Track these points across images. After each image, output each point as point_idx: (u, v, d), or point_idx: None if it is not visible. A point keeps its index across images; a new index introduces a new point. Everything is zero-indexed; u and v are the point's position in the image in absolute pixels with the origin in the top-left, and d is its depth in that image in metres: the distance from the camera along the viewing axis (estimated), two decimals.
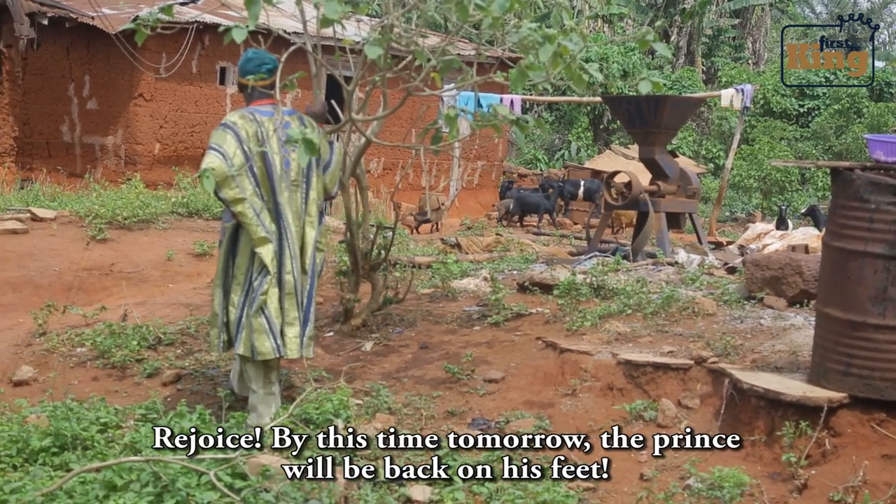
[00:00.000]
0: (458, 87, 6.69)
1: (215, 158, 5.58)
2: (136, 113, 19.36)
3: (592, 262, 9.30)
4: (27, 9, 18.11)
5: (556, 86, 6.71)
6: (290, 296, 5.83)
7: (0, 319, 8.94)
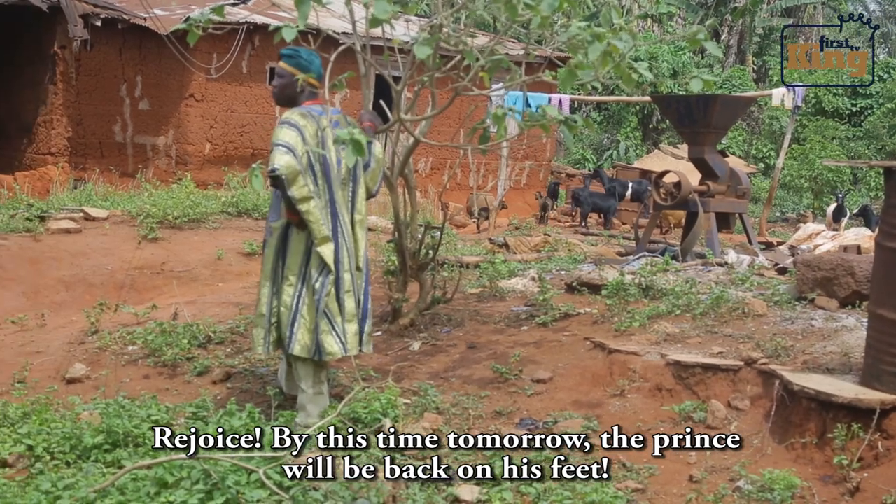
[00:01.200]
0: (506, 86, 6.68)
1: (285, 155, 5.56)
2: (186, 113, 19.53)
3: (641, 262, 9.25)
4: (80, 10, 18.31)
5: (604, 85, 6.69)
6: (349, 293, 5.84)
7: (54, 318, 9.05)
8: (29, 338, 8.09)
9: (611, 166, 30.07)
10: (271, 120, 20.07)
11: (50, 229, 11.39)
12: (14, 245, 10.71)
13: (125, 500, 4.31)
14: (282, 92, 5.97)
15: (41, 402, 6.11)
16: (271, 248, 5.92)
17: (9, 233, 11.15)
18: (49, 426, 5.49)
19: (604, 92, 30.85)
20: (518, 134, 7.42)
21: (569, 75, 5.64)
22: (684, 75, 7.43)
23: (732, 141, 32.79)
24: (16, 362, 7.28)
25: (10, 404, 6.00)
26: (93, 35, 18.58)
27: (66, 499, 4.34)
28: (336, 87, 5.85)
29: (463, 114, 19.98)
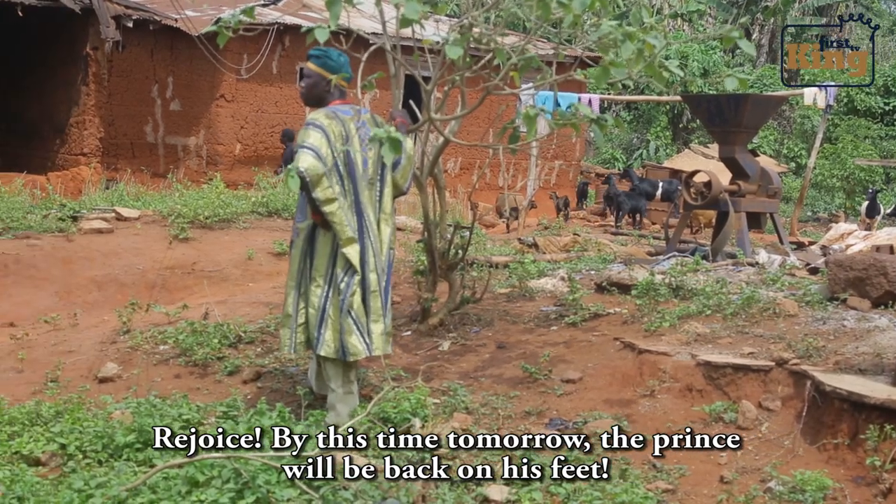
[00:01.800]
0: (536, 86, 6.68)
1: (310, 157, 5.58)
2: (217, 114, 19.63)
3: (671, 262, 9.21)
4: (112, 11, 18.45)
5: (634, 84, 6.67)
6: (375, 293, 5.85)
7: (86, 317, 9.12)
8: (61, 337, 8.15)
9: (641, 166, 29.99)
10: (301, 120, 20.12)
11: (82, 229, 11.47)
12: (47, 245, 10.79)
13: (156, 498, 4.34)
14: (309, 92, 5.99)
15: (74, 402, 6.15)
16: (298, 249, 5.94)
17: (42, 233, 11.24)
18: (81, 425, 5.53)
19: (634, 91, 30.83)
20: (548, 133, 7.41)
21: (601, 74, 5.63)
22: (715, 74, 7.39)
23: (763, 140, 32.63)
24: (49, 361, 7.34)
25: (44, 403, 6.05)
26: (124, 36, 18.71)
27: (99, 497, 4.37)
28: (366, 87, 5.86)
29: (492, 113, 19.98)
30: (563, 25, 5.93)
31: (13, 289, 9.99)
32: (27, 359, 7.45)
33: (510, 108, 16.19)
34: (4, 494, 4.53)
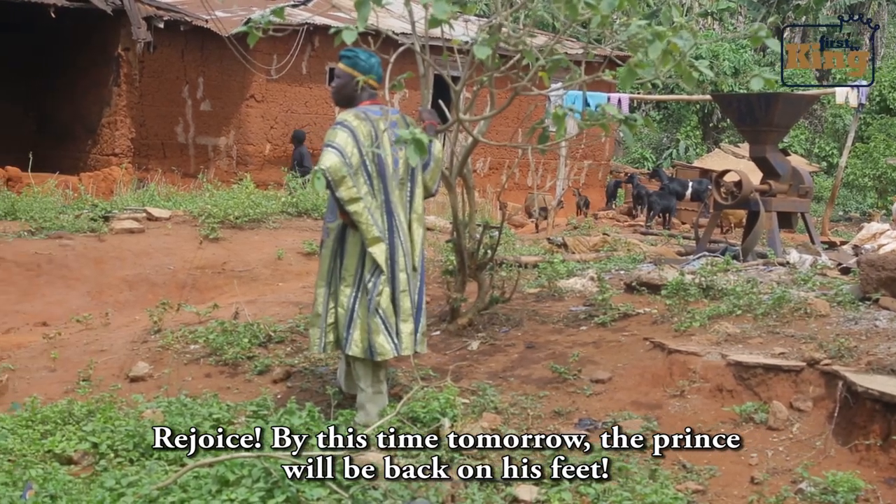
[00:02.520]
0: (565, 86, 6.67)
1: (333, 157, 5.60)
2: (247, 114, 19.72)
3: (701, 261, 9.17)
4: (144, 13, 18.58)
5: (664, 84, 6.66)
6: (404, 293, 5.86)
7: (117, 317, 9.18)
8: (93, 336, 8.21)
9: (670, 165, 29.87)
10: (330, 120, 20.16)
11: (114, 229, 11.55)
12: (79, 245, 10.88)
13: (187, 497, 4.36)
14: (339, 92, 6.01)
15: (105, 400, 6.20)
16: (328, 249, 5.96)
17: (74, 233, 11.33)
18: (113, 424, 5.57)
19: (663, 91, 30.71)
20: (577, 133, 7.40)
21: (629, 74, 5.61)
22: (745, 74, 7.35)
23: (794, 139, 32.43)
24: (81, 361, 7.39)
25: (76, 402, 6.09)
26: (155, 37, 18.83)
27: (130, 496, 4.40)
28: (395, 87, 5.87)
29: (521, 113, 19.96)
30: (591, 25, 5.92)
31: (46, 288, 10.07)
32: (60, 358, 7.51)
33: (539, 108, 16.16)
34: (37, 493, 4.57)
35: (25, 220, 11.85)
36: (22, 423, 5.74)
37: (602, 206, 24.22)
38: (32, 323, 9.33)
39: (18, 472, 4.95)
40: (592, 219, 19.10)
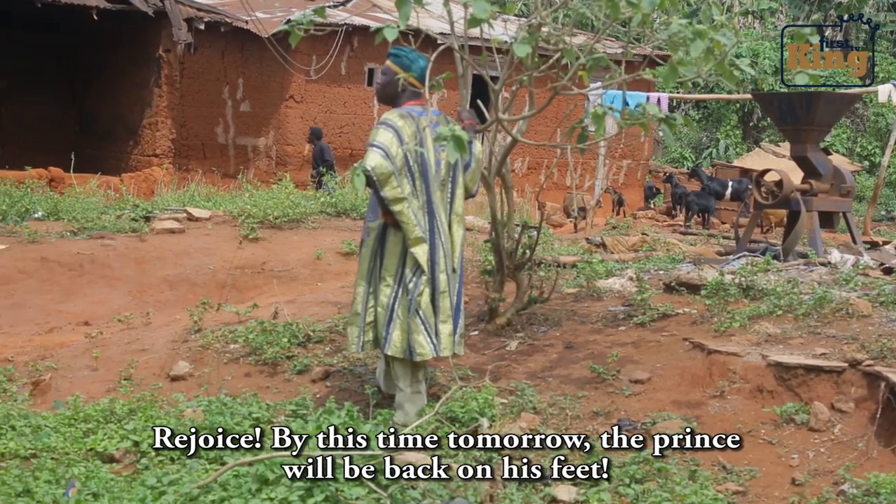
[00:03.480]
0: (605, 85, 6.65)
1: (378, 156, 5.61)
2: (286, 114, 19.81)
3: (741, 261, 9.11)
4: (185, 14, 18.71)
5: (704, 83, 6.63)
6: (444, 294, 5.86)
7: (158, 316, 9.24)
8: (135, 336, 8.27)
9: (710, 165, 29.70)
10: (369, 121, 20.25)
11: (155, 229, 11.64)
12: (121, 245, 10.97)
13: (227, 496, 4.39)
14: (383, 90, 6.03)
15: (146, 399, 6.26)
16: (368, 248, 5.97)
17: (116, 233, 11.43)
18: (154, 422, 5.61)
19: (703, 90, 30.54)
20: (616, 133, 7.37)
21: (670, 73, 5.59)
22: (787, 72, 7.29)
23: (836, 138, 32.15)
24: (122, 360, 7.46)
25: (117, 401, 6.15)
26: (196, 38, 18.96)
27: (171, 494, 4.43)
28: (434, 87, 5.88)
29: (560, 113, 19.93)
30: (632, 24, 5.90)
31: (88, 288, 10.17)
32: (102, 357, 7.57)
33: (578, 107, 16.13)
34: (80, 490, 4.61)
35: (68, 221, 11.96)
36: (65, 421, 5.81)
37: (641, 205, 24.12)
38: (75, 322, 9.43)
39: (61, 469, 5.01)
40: (631, 219, 19.02)
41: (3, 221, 11.67)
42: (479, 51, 6.81)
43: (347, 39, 19.78)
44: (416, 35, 6.24)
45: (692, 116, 33.44)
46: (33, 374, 7.27)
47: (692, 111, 34.72)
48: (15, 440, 5.47)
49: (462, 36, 6.65)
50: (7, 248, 10.58)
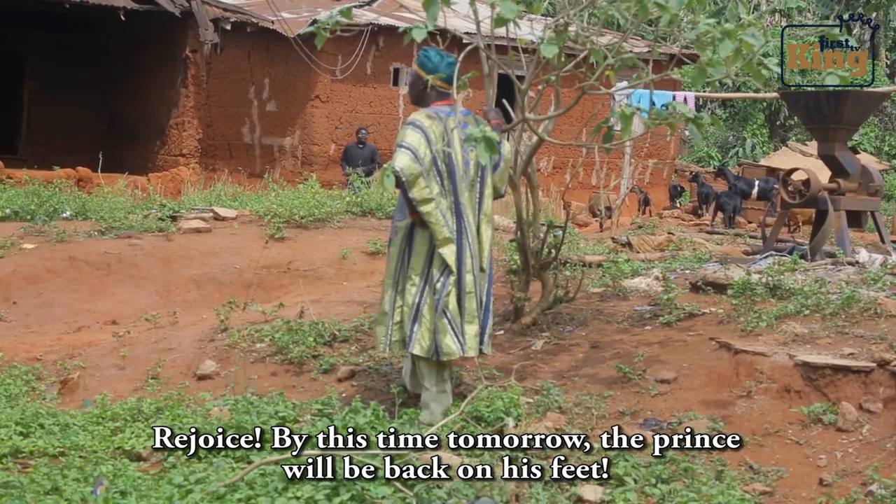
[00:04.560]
0: (632, 84, 6.63)
1: (406, 157, 5.62)
2: (312, 114, 19.85)
3: (768, 261, 9.07)
4: (211, 14, 18.78)
5: (731, 82, 6.61)
6: (470, 294, 5.86)
7: (185, 315, 9.29)
8: (162, 335, 8.32)
9: (737, 164, 29.56)
10: (395, 121, 20.28)
11: (181, 229, 11.70)
12: (148, 245, 11.03)
13: (254, 494, 4.40)
14: (410, 91, 6.09)
15: (173, 398, 6.29)
16: (396, 248, 5.98)
17: (143, 232, 11.49)
18: (181, 421, 5.64)
19: (730, 89, 30.42)
20: (642, 132, 7.35)
21: (699, 73, 5.57)
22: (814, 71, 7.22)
23: (864, 137, 31.95)
24: (150, 359, 7.50)
25: (145, 399, 6.19)
26: (222, 38, 19.03)
27: (198, 492, 4.45)
28: (460, 87, 5.88)
29: (586, 112, 19.89)
30: (659, 24, 5.88)
31: (115, 287, 10.23)
32: (129, 356, 7.62)
33: (605, 106, 16.09)
34: (108, 489, 4.64)
35: (96, 220, 12.05)
36: (93, 419, 5.85)
37: (666, 205, 24.03)
38: (102, 321, 9.49)
39: (89, 468, 5.04)
40: (657, 218, 18.96)
41: (31, 221, 11.76)
42: (505, 50, 6.81)
43: (373, 39, 19.80)
44: (443, 35, 6.24)
45: (719, 115, 33.30)
46: (62, 372, 7.33)
47: (719, 110, 34.58)
48: (44, 438, 5.51)
49: (488, 35, 6.65)
50: (36, 248, 10.66)
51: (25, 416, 5.80)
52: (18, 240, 10.86)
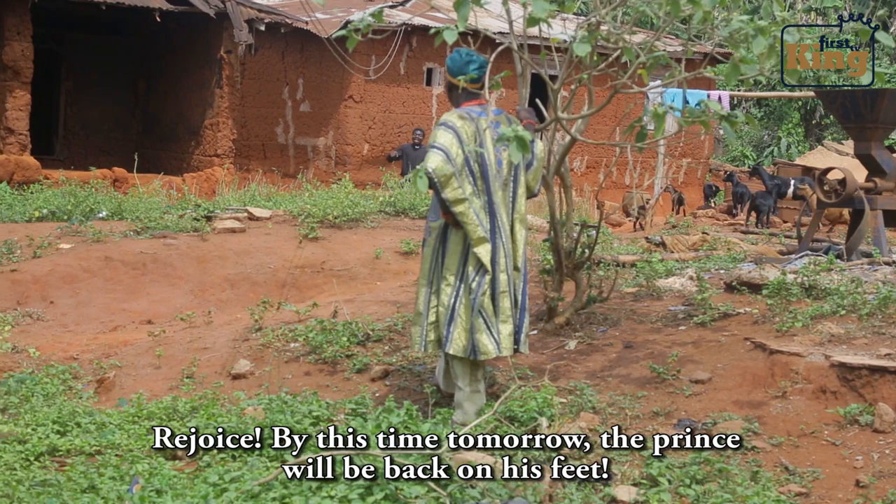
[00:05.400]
0: (665, 83, 6.61)
1: (439, 158, 5.62)
2: (346, 115, 19.91)
3: (804, 261, 9.01)
4: (246, 15, 18.86)
5: (766, 80, 6.57)
6: (505, 294, 5.86)
7: (219, 315, 9.34)
8: (197, 334, 8.36)
9: (771, 163, 29.36)
10: (428, 120, 20.30)
11: (216, 229, 11.76)
12: (183, 244, 11.10)
13: (288, 493, 4.42)
14: (445, 93, 6.10)
15: (208, 397, 6.33)
16: (430, 248, 5.98)
17: (178, 232, 11.56)
18: (216, 420, 5.68)
19: (764, 87, 30.23)
20: (676, 131, 7.32)
21: (732, 70, 5.54)
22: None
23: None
24: (185, 358, 7.55)
25: (180, 399, 6.23)
26: (257, 39, 19.11)
27: (233, 491, 4.47)
28: (493, 86, 5.88)
29: (619, 111, 19.83)
30: (692, 22, 5.86)
31: (151, 287, 10.30)
32: (164, 355, 7.67)
33: (638, 105, 16.04)
34: (144, 487, 4.68)
35: (131, 220, 12.14)
36: (128, 418, 5.90)
37: (700, 204, 23.90)
38: (138, 321, 9.55)
39: (125, 466, 5.08)
40: (691, 217, 18.87)
41: (68, 221, 11.86)
42: (538, 50, 6.80)
43: (406, 39, 19.83)
44: (475, 35, 6.25)
45: (753, 114, 33.09)
46: (98, 371, 7.39)
47: (753, 109, 34.37)
48: (80, 437, 5.57)
49: (521, 35, 6.64)
50: (72, 248, 10.75)
51: (62, 415, 5.86)
52: (55, 240, 10.96)
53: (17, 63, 17.27)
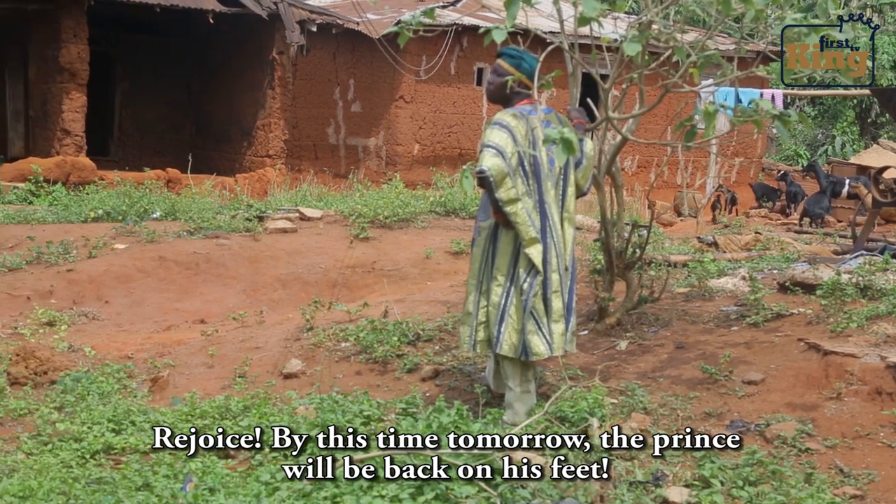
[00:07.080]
0: (717, 82, 6.56)
1: (495, 158, 5.60)
2: (396, 115, 19.96)
3: (859, 261, 8.90)
4: (297, 17, 18.97)
5: (820, 78, 6.49)
6: (556, 294, 5.84)
7: (271, 314, 9.40)
8: (249, 334, 8.42)
9: (826, 162, 29.04)
10: (478, 120, 20.30)
11: (268, 229, 11.84)
12: (235, 244, 11.18)
13: (339, 492, 4.44)
14: (496, 90, 6.00)
15: (260, 396, 6.37)
16: (479, 248, 5.97)
17: (230, 232, 11.66)
18: (268, 419, 5.72)
19: (818, 86, 29.88)
20: (728, 130, 7.26)
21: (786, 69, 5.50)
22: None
23: None
24: (237, 357, 7.61)
25: (232, 398, 6.28)
26: (308, 40, 19.20)
27: (284, 490, 4.50)
28: (544, 86, 5.87)
29: (670, 111, 19.72)
30: (745, 20, 5.81)
31: (204, 287, 10.39)
32: (217, 354, 7.74)
33: (689, 105, 15.92)
34: (197, 485, 4.72)
35: (185, 221, 12.25)
36: (182, 417, 5.95)
37: (753, 204, 23.67)
38: (191, 320, 9.64)
39: (179, 465, 5.13)
40: (744, 217, 18.71)
41: (123, 221, 12.00)
42: (588, 49, 6.78)
43: (457, 39, 19.84)
44: (525, 35, 6.24)
45: (807, 113, 32.76)
46: (152, 370, 7.47)
47: (807, 107, 34.01)
48: (135, 435, 5.64)
49: (572, 34, 6.62)
50: (127, 248, 10.87)
51: (117, 414, 5.94)
52: (110, 240, 11.09)
53: (73, 65, 17.50)
